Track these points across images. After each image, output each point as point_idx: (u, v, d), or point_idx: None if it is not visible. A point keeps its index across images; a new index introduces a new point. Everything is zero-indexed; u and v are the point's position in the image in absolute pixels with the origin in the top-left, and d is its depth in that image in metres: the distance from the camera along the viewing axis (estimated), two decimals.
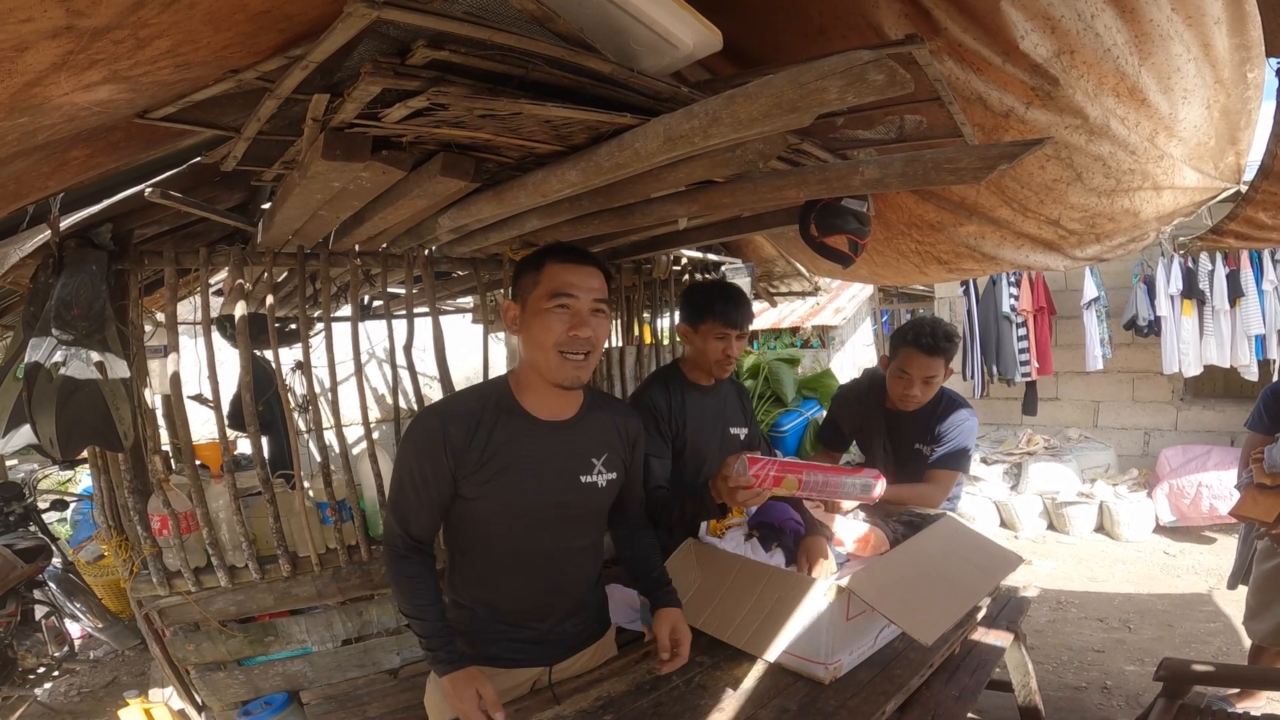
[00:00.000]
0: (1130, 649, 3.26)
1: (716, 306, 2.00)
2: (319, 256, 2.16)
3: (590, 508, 1.48)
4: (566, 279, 1.30)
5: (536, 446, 1.38)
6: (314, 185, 1.34)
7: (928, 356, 2.29)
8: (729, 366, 2.05)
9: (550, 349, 1.30)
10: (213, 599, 2.14)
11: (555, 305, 1.29)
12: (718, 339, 1.99)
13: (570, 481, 1.42)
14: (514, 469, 1.36)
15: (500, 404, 1.38)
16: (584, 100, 1.12)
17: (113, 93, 0.96)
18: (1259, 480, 2.10)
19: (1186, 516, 4.81)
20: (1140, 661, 3.09)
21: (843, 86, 0.85)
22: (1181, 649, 3.20)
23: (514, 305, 1.37)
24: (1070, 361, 5.87)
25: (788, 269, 3.98)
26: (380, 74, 0.93)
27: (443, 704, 1.51)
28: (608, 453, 1.47)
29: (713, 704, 1.46)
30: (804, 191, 1.45)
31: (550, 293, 1.30)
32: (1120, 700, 2.78)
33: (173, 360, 2.00)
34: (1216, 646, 3.20)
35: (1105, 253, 2.49)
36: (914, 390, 2.33)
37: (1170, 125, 1.61)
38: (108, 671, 3.70)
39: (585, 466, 1.43)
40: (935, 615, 1.46)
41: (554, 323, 1.29)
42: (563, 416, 1.42)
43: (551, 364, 1.31)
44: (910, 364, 2.31)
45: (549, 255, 1.34)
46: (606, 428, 1.49)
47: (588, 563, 1.54)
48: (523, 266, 1.38)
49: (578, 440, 1.43)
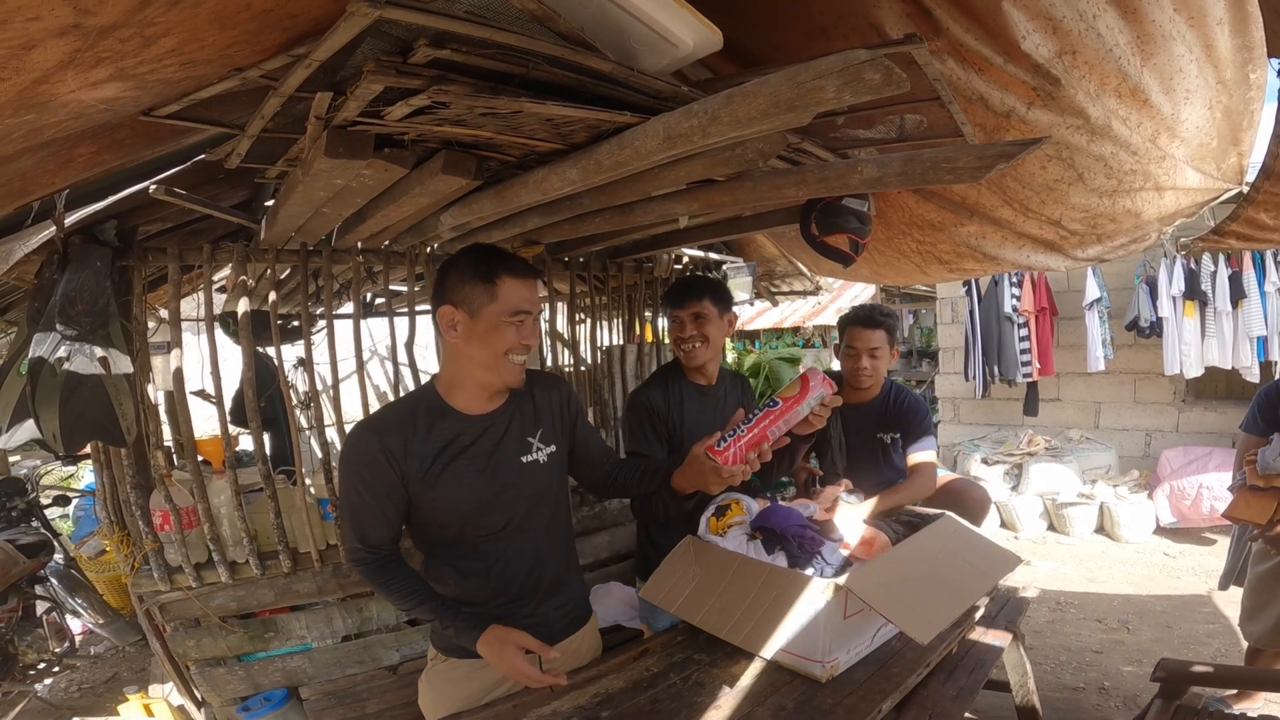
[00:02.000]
0: (1129, 650, 3.25)
1: (667, 295, 2.06)
2: (322, 254, 2.17)
3: (540, 486, 1.50)
4: (525, 296, 1.36)
5: (472, 441, 1.42)
6: (317, 183, 1.34)
7: (868, 329, 2.41)
8: (690, 352, 2.02)
9: (503, 357, 1.37)
10: (213, 594, 2.15)
11: (514, 322, 1.35)
12: (672, 323, 2.03)
13: (513, 465, 1.45)
14: (456, 467, 1.39)
15: (430, 408, 1.42)
16: (585, 99, 1.13)
17: (119, 90, 0.96)
18: (1252, 482, 2.10)
19: (1187, 518, 4.79)
20: (1138, 662, 3.09)
21: (839, 86, 0.86)
22: (1180, 650, 3.19)
23: (456, 312, 1.35)
24: (1072, 362, 5.85)
25: (789, 268, 3.98)
26: (382, 73, 0.94)
27: (437, 701, 1.53)
28: (541, 428, 1.51)
29: (709, 701, 1.46)
30: (803, 190, 1.46)
31: (511, 310, 1.34)
32: (1118, 701, 2.77)
33: (175, 356, 2.01)
34: (1215, 648, 3.19)
35: (1107, 253, 2.49)
36: (863, 363, 2.42)
37: (1172, 126, 1.61)
38: (108, 667, 3.71)
39: (523, 448, 1.47)
40: (932, 615, 1.46)
41: (510, 335, 1.36)
42: (491, 408, 1.46)
43: (504, 369, 1.38)
44: (855, 339, 2.43)
45: (502, 268, 1.34)
46: (535, 403, 1.53)
47: (554, 543, 1.56)
48: (464, 271, 1.35)
49: (511, 425, 1.47)
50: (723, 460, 1.38)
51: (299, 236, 2.00)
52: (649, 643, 1.74)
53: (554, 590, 1.56)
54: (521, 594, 1.50)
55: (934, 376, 7.46)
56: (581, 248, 2.83)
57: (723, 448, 1.39)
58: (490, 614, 1.48)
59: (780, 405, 1.47)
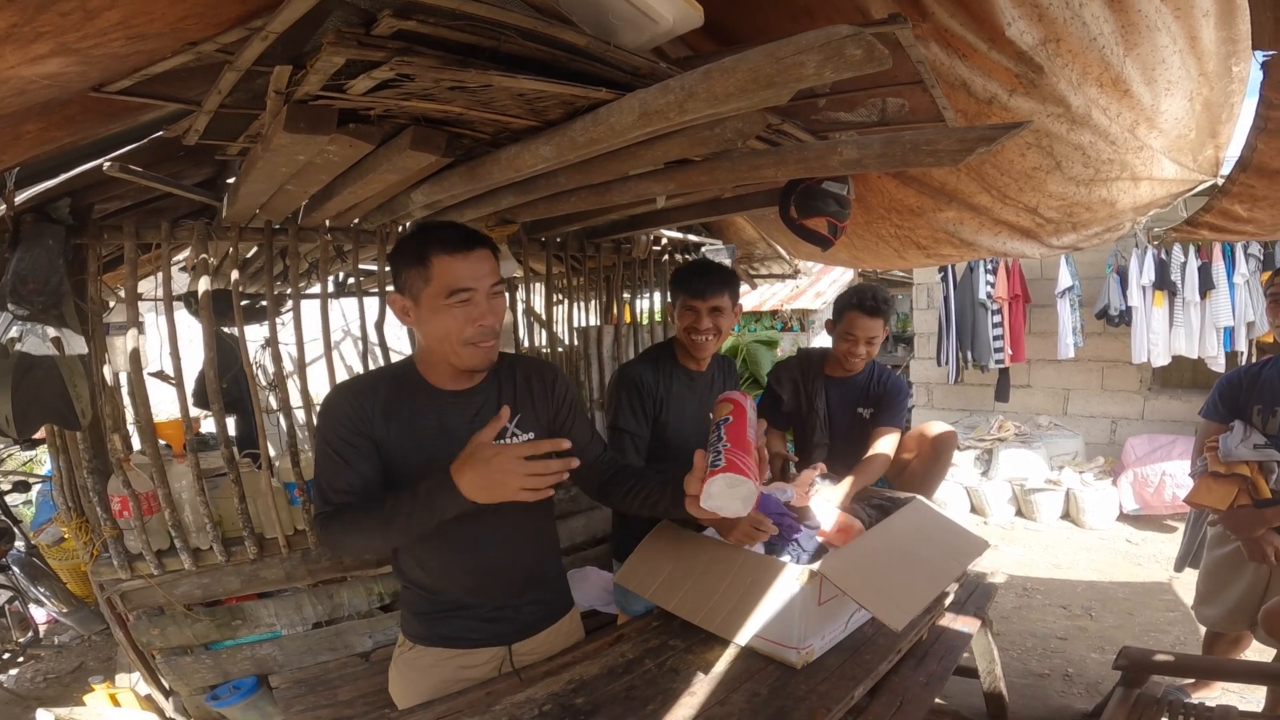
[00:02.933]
0: (1092, 636, 3.31)
1: (683, 279, 2.01)
2: (288, 232, 2.09)
3: None
4: (461, 272, 1.23)
5: (444, 416, 1.36)
6: (278, 159, 1.29)
7: (870, 318, 2.43)
8: (701, 343, 1.99)
9: (457, 343, 1.27)
10: (177, 582, 2.10)
11: (455, 303, 1.24)
12: (686, 310, 1.99)
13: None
14: (426, 441, 1.34)
15: (402, 380, 1.37)
16: (559, 74, 1.09)
17: (62, 65, 0.92)
18: (1214, 469, 2.13)
19: (1150, 505, 4.89)
20: (1101, 649, 3.15)
21: (820, 61, 0.83)
22: (1141, 637, 3.26)
23: (402, 299, 1.29)
24: (1043, 349, 5.94)
25: (768, 251, 3.97)
26: (343, 45, 0.89)
27: (406, 689, 1.51)
28: (520, 413, 1.43)
29: (684, 688, 1.46)
30: (782, 171, 1.43)
31: (447, 290, 1.23)
32: (1081, 688, 2.82)
33: (133, 337, 1.93)
34: (1175, 635, 3.26)
35: (1081, 241, 2.52)
36: (859, 349, 2.46)
37: (1152, 117, 1.61)
38: (74, 657, 3.63)
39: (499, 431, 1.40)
40: (905, 600, 1.48)
41: (456, 318, 1.25)
42: (468, 386, 1.39)
43: (462, 355, 1.29)
44: (855, 326, 2.44)
45: (434, 246, 1.23)
46: (516, 387, 1.45)
47: (528, 533, 1.50)
48: (403, 256, 1.27)
49: (486, 405, 1.39)
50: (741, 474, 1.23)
51: (263, 214, 1.93)
52: (624, 628, 1.74)
53: (528, 585, 1.52)
54: (488, 585, 1.47)
55: (909, 361, 7.55)
56: (558, 228, 2.78)
57: (722, 466, 1.24)
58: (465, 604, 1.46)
59: (732, 419, 1.36)
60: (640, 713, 1.37)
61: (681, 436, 2.06)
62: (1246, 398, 2.19)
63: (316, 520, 1.33)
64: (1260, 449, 2.04)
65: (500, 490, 1.16)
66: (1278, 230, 2.14)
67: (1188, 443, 4.99)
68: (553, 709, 1.37)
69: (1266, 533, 2.01)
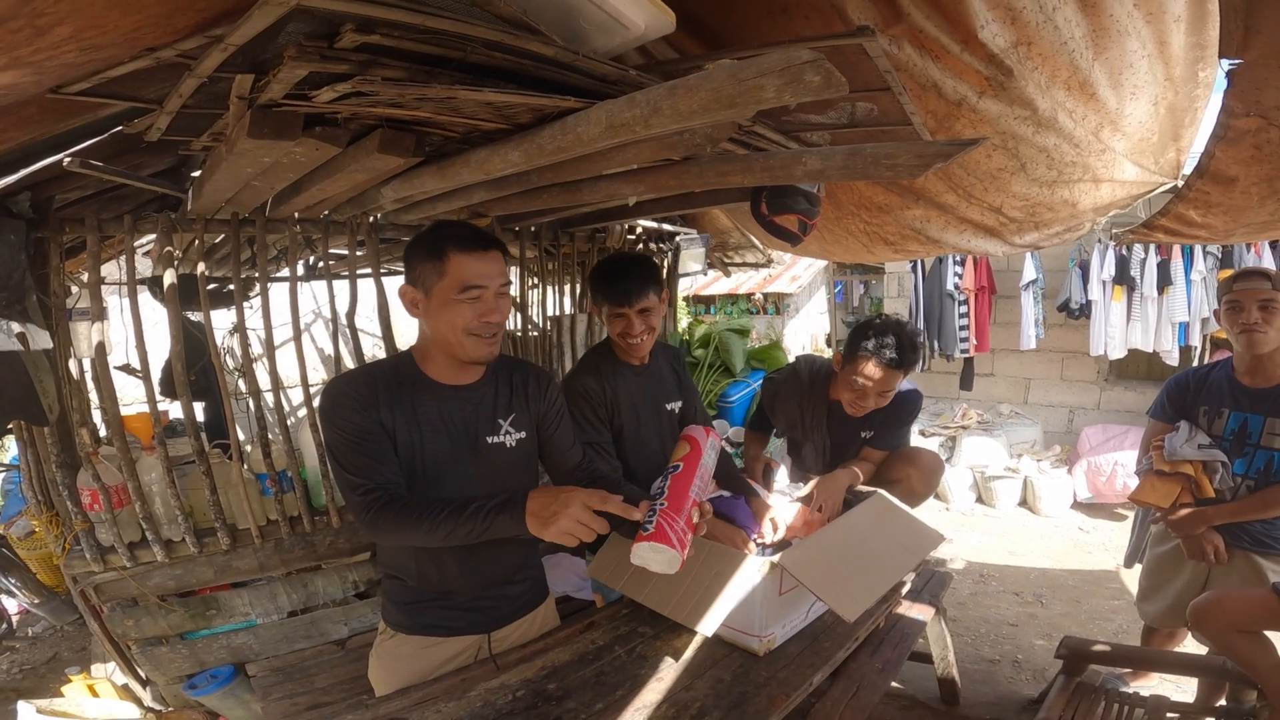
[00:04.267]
0: (1041, 624, 3.41)
1: (603, 286, 1.89)
2: (255, 223, 2.06)
3: (502, 467, 1.48)
4: (475, 270, 1.31)
5: (442, 410, 1.41)
6: (243, 160, 1.28)
7: (890, 370, 2.13)
8: (637, 346, 1.92)
9: (462, 334, 1.34)
10: (150, 574, 2.10)
11: (466, 298, 1.31)
12: (614, 318, 1.90)
13: (477, 442, 1.44)
14: (422, 433, 1.38)
15: (402, 373, 1.41)
16: (527, 82, 1.10)
17: (16, 77, 0.91)
18: (1158, 467, 2.16)
19: (1102, 494, 5.02)
20: (1049, 637, 3.23)
21: (780, 86, 0.85)
22: (1086, 625, 3.37)
23: (414, 290, 1.35)
24: (1006, 339, 6.08)
25: (742, 240, 4.00)
26: (305, 59, 0.88)
27: (387, 676, 1.54)
28: (515, 413, 1.50)
29: (652, 674, 1.52)
30: (748, 178, 1.46)
31: (460, 286, 1.31)
32: (1028, 674, 2.91)
33: (97, 329, 1.91)
34: (1118, 624, 3.36)
35: (1042, 240, 2.57)
36: (868, 401, 2.21)
37: (1116, 120, 1.64)
38: (48, 648, 3.59)
39: (492, 427, 1.46)
40: (860, 592, 1.54)
41: (465, 312, 1.32)
42: (467, 380, 1.45)
43: (466, 346, 1.35)
44: (870, 374, 2.15)
45: (451, 243, 1.31)
46: (513, 387, 1.52)
47: None
48: (419, 251, 1.34)
49: (483, 402, 1.46)
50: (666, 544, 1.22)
51: (230, 206, 1.90)
52: (595, 616, 1.79)
53: (509, 576, 1.57)
54: (471, 575, 1.50)
55: None
56: (532, 219, 2.77)
57: (650, 532, 1.23)
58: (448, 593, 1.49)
59: (682, 468, 1.38)
60: (610, 698, 1.42)
61: (639, 436, 2.04)
62: (1194, 398, 2.22)
63: (362, 509, 1.31)
64: (1205, 449, 2.08)
65: (551, 522, 1.20)
66: (1230, 235, 2.18)
67: (1139, 433, 5.10)
68: (525, 694, 1.42)
69: (1206, 531, 2.07)
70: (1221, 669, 2.01)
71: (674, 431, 2.11)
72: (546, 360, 3.24)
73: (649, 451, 2.05)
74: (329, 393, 1.37)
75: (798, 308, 12.02)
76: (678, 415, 2.17)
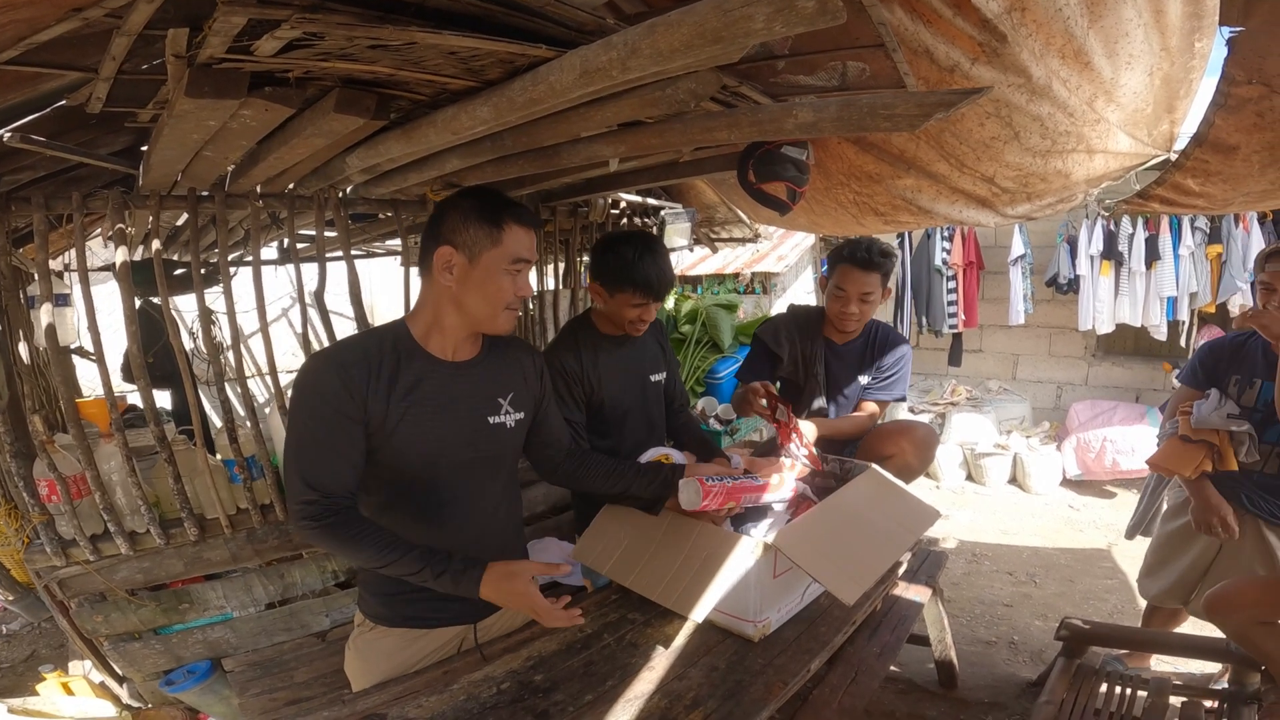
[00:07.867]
0: (1036, 604, 3.40)
1: (638, 276, 1.84)
2: (214, 199, 1.95)
3: (501, 449, 1.46)
4: (526, 244, 1.33)
5: (442, 388, 1.35)
6: (185, 125, 1.17)
7: (863, 272, 2.27)
8: (643, 328, 1.97)
9: (500, 307, 1.33)
10: (115, 567, 2.01)
11: (513, 270, 1.32)
12: (634, 307, 1.88)
13: (479, 423, 1.40)
14: (422, 412, 1.32)
15: (399, 346, 1.33)
16: (496, 30, 1.00)
17: None
18: (1184, 433, 2.09)
19: (1091, 470, 5.03)
20: (1044, 617, 3.23)
21: (770, 14, 0.77)
22: (1081, 605, 3.36)
23: (456, 254, 1.30)
24: (994, 315, 6.06)
25: (729, 215, 3.92)
26: (240, 4, 0.78)
27: (365, 670, 1.48)
28: (513, 392, 1.47)
29: (643, 662, 1.46)
30: (735, 134, 1.38)
31: (514, 257, 1.31)
32: (1025, 655, 2.89)
33: (48, 312, 1.79)
34: (1113, 604, 3.36)
35: (1034, 212, 2.53)
36: (851, 308, 2.30)
37: (1110, 90, 1.60)
38: (25, 645, 3.50)
39: (493, 407, 1.43)
40: (858, 573, 1.49)
41: (507, 285, 1.32)
42: (465, 357, 1.41)
43: (499, 320, 1.36)
44: (847, 280, 2.29)
45: (509, 213, 1.31)
46: (509, 366, 1.49)
47: (504, 510, 1.52)
48: (471, 214, 1.29)
49: (483, 380, 1.42)
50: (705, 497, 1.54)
51: (185, 181, 1.78)
52: (583, 602, 1.73)
53: (499, 558, 1.48)
54: None
55: None
56: (510, 191, 2.67)
57: (712, 484, 1.56)
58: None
59: (761, 483, 1.68)
60: (599, 689, 1.37)
61: (621, 409, 2.02)
62: (1226, 367, 2.16)
63: (304, 517, 1.25)
64: (1233, 418, 2.03)
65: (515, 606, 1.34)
66: (1228, 205, 2.16)
67: (1129, 409, 5.17)
68: (511, 686, 1.36)
69: (1220, 502, 2.02)
70: (1225, 651, 1.99)
71: (659, 403, 2.14)
72: (529, 337, 3.18)
73: (633, 423, 2.03)
74: (307, 375, 1.28)
75: (785, 287, 11.95)
76: (663, 387, 2.15)
